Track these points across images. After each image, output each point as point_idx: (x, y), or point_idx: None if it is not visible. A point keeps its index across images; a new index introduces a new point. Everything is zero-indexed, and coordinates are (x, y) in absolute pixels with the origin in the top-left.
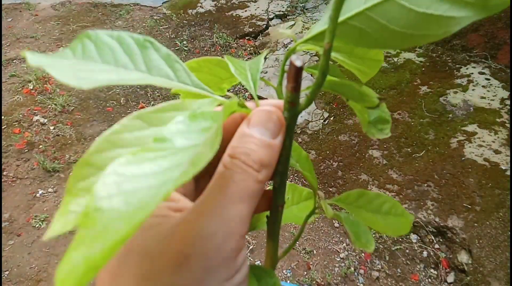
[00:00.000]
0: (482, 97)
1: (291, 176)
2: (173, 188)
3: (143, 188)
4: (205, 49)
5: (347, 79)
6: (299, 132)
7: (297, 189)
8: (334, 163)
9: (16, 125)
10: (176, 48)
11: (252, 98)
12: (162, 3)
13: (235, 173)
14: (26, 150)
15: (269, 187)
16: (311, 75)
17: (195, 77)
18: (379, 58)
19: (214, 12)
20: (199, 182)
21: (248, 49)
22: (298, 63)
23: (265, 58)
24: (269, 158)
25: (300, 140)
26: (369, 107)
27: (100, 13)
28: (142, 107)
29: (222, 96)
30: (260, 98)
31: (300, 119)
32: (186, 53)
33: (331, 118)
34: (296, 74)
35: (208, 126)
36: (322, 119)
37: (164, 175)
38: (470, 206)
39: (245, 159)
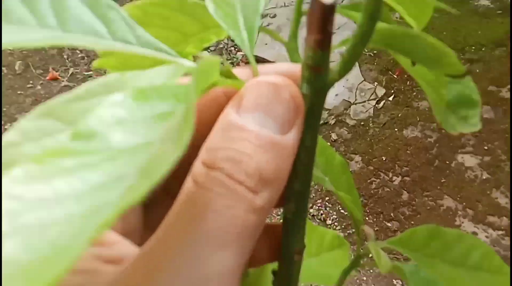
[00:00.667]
0: None
1: (316, 199)
2: (109, 221)
3: (56, 222)
4: None
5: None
6: (332, 122)
7: (316, 231)
8: (395, 177)
9: None
10: None
11: (246, 62)
12: None
13: (215, 196)
14: None
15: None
16: (350, 20)
17: (142, 30)
18: None
19: None
20: (151, 211)
21: None
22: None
23: None
24: (275, 169)
25: (334, 136)
26: (452, 76)
27: None
28: (54, 78)
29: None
30: (261, 61)
31: (333, 99)
32: None
33: (390, 98)
34: (323, 17)
35: (168, 110)
36: (374, 99)
37: (92, 197)
38: None
39: (233, 171)
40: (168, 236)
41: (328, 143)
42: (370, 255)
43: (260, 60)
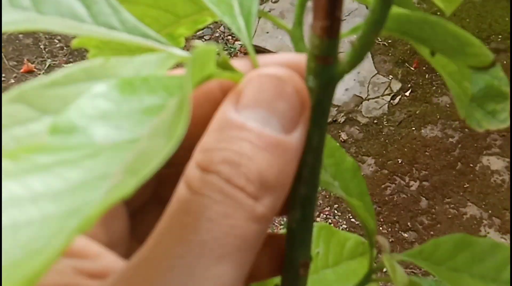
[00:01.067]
0: None
1: (324, 207)
2: (89, 222)
3: (30, 222)
4: None
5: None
6: (342, 120)
7: (335, 236)
8: (412, 182)
9: None
10: None
11: (245, 53)
12: None
13: (211, 203)
14: None
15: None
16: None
17: (128, 13)
18: None
19: None
20: (140, 220)
21: None
22: None
23: None
24: (279, 172)
25: (343, 136)
26: (476, 68)
27: None
28: (29, 70)
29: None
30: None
31: (342, 95)
32: None
33: (407, 93)
34: (331, 1)
35: (158, 103)
36: (389, 94)
37: (71, 197)
38: None
39: (231, 175)
40: (157, 249)
41: (338, 144)
42: (385, 269)
43: (261, 50)
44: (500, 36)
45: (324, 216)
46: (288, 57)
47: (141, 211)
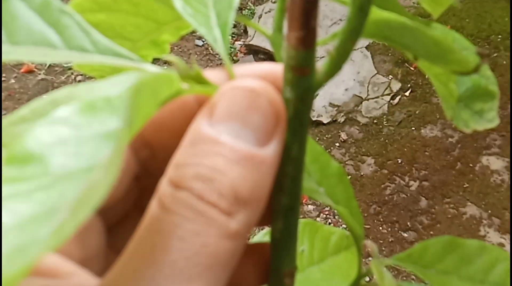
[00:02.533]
0: None
1: (323, 206)
2: (32, 264)
3: None
4: None
5: (409, 15)
6: (341, 120)
7: (320, 231)
8: (412, 182)
9: None
10: None
11: (245, 53)
12: None
13: (182, 221)
14: None
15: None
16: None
17: (100, 35)
18: None
19: None
20: (120, 230)
21: None
22: None
23: None
24: (253, 186)
25: (343, 136)
26: (459, 73)
27: None
28: (30, 71)
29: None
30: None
31: (342, 95)
32: None
33: (406, 93)
34: (305, 10)
35: (121, 126)
36: (389, 94)
37: (20, 233)
38: None
39: (203, 191)
40: (127, 270)
41: (338, 144)
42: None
43: (260, 50)
44: (499, 36)
45: (324, 216)
46: (265, 68)
47: (123, 222)
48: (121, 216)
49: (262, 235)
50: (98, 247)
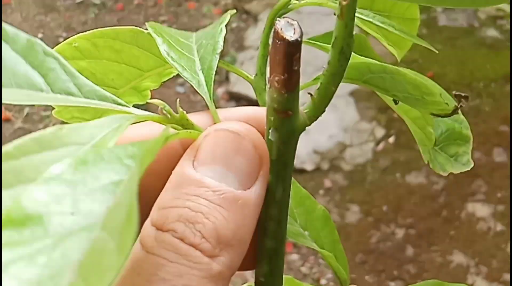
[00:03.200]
0: None
1: (307, 258)
2: None
3: None
4: (135, 2)
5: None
6: (325, 167)
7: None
8: (398, 230)
9: None
10: (77, 1)
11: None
12: None
13: (164, 263)
14: None
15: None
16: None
17: (84, 78)
18: (413, 15)
19: None
20: None
21: (224, 2)
22: (289, 34)
23: (258, 21)
24: (236, 228)
25: (327, 183)
26: (438, 115)
27: None
28: (6, 119)
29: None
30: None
31: (326, 142)
32: (97, 11)
33: (390, 140)
34: (287, 55)
35: (114, 179)
36: (373, 140)
37: None
38: None
39: (186, 233)
40: None
41: (322, 191)
42: None
43: (243, 97)
44: (481, 83)
45: (309, 265)
46: (249, 111)
47: None
48: None
49: None
50: None
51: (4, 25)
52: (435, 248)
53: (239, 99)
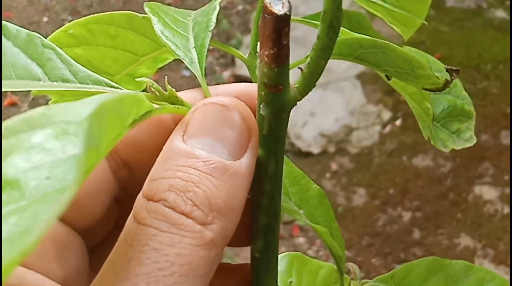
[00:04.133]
0: None
1: (313, 241)
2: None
3: None
4: None
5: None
6: (332, 150)
7: (308, 265)
8: (404, 212)
9: None
10: None
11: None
12: None
13: (157, 233)
14: None
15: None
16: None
17: (79, 65)
18: None
19: None
20: (101, 251)
21: None
22: (277, 8)
23: None
24: (227, 197)
25: (334, 166)
26: (429, 90)
27: None
28: (12, 103)
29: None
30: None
31: (332, 125)
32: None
33: (397, 122)
34: (276, 28)
35: (92, 145)
36: (380, 123)
37: None
38: None
39: (177, 202)
40: (104, 284)
41: (328, 175)
42: None
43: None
44: (489, 65)
45: (316, 248)
46: (240, 87)
47: (104, 243)
48: (102, 237)
49: None
50: (80, 267)
51: (6, 23)
52: (441, 231)
53: (244, 82)
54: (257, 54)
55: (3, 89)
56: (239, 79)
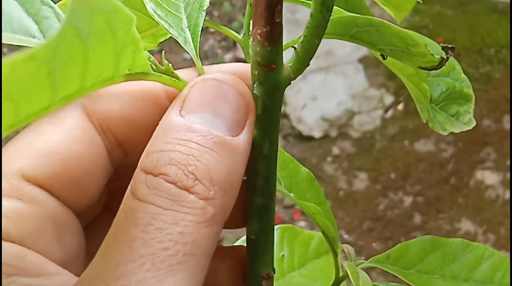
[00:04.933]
0: None
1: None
2: None
3: None
4: None
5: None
6: (333, 134)
7: (300, 236)
8: (405, 197)
9: None
10: None
11: None
12: None
13: (158, 211)
14: None
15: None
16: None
17: None
18: None
19: None
20: (93, 234)
21: None
22: None
23: None
24: (227, 171)
25: (335, 150)
26: (425, 68)
27: None
28: None
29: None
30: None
31: (334, 109)
32: None
33: (399, 107)
34: (268, 6)
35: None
36: (381, 107)
37: None
38: None
39: (178, 176)
40: (106, 264)
41: (330, 159)
42: None
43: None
44: (492, 49)
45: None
46: (234, 67)
47: (93, 225)
48: (92, 219)
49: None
50: (78, 249)
51: None
52: (442, 215)
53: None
54: (250, 33)
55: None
56: (240, 61)
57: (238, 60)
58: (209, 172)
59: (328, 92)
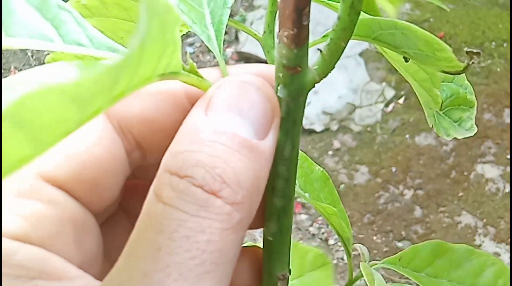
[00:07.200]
0: None
1: (316, 218)
2: None
3: None
4: None
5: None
6: (334, 128)
7: (296, 248)
8: (406, 190)
9: None
10: None
11: (236, 60)
12: None
13: (185, 217)
14: None
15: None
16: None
17: (96, 30)
18: None
19: None
20: (109, 236)
21: None
22: None
23: None
24: (254, 176)
25: (336, 144)
26: (449, 73)
27: None
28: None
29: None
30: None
31: (335, 102)
32: None
33: (400, 101)
34: (296, 8)
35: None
36: (382, 101)
37: None
38: None
39: (206, 179)
40: (130, 272)
41: (331, 152)
42: None
43: (252, 57)
44: (493, 43)
45: (317, 226)
46: (259, 68)
47: (108, 225)
48: (107, 218)
49: None
50: (96, 250)
51: None
52: (443, 209)
53: (248, 59)
54: (271, 33)
55: (17, 47)
56: (242, 56)
57: (239, 54)
58: (237, 175)
59: (329, 85)
